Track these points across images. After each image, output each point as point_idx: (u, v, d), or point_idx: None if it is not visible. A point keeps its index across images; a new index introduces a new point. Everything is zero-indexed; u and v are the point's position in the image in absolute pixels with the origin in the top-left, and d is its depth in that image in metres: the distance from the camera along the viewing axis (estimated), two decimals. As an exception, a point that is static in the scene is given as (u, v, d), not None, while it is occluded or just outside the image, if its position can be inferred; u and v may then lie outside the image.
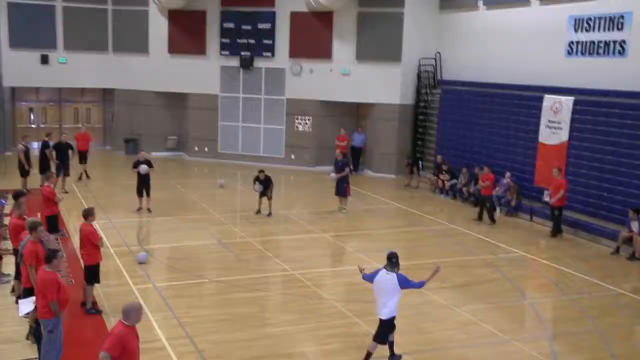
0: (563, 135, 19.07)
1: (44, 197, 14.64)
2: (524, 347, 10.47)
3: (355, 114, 27.66)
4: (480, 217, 19.16)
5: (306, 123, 27.20)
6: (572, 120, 18.85)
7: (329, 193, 20.32)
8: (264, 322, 11.27)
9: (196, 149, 28.60)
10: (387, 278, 9.28)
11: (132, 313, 7.17)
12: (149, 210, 18.59)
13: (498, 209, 19.94)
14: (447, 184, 22.65)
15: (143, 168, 18.44)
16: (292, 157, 27.40)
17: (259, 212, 18.91)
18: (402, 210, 20.65)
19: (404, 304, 12.18)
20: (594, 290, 13.44)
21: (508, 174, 20.31)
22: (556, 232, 17.77)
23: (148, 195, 18.69)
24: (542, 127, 19.80)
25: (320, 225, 18.05)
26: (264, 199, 18.85)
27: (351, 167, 26.56)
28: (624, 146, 17.31)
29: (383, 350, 9.78)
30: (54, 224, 14.82)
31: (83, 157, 22.96)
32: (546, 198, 19.10)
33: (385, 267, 9.35)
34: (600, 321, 11.72)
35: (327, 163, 26.32)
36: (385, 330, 9.46)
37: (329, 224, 18.31)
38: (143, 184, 18.64)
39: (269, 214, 18.70)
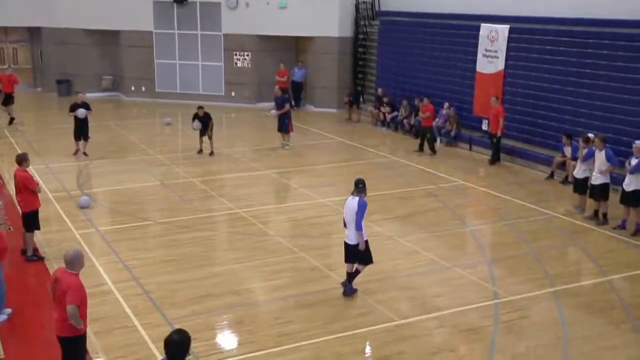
0: (499, 64, 19.34)
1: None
2: (464, 273, 10.86)
3: (294, 48, 27.32)
4: (421, 149, 19.44)
5: (245, 59, 26.75)
6: (508, 49, 19.10)
7: (271, 129, 20.25)
8: (210, 261, 11.33)
9: (133, 88, 27.87)
10: (350, 203, 9.61)
11: (77, 261, 7.09)
12: (85, 154, 18.15)
13: (438, 140, 20.25)
14: (388, 117, 22.81)
15: (81, 112, 17.90)
16: (233, 94, 27.02)
17: (200, 151, 18.73)
18: (344, 144, 20.77)
19: (349, 237, 12.42)
20: (530, 214, 13.94)
21: (446, 104, 20.57)
22: (495, 160, 18.23)
23: (86, 139, 18.21)
24: (479, 57, 20.01)
25: (263, 162, 18.03)
26: (205, 138, 18.63)
27: (292, 102, 26.45)
28: (557, 73, 17.69)
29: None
30: None
31: (9, 100, 22.05)
32: (485, 127, 19.50)
33: (352, 193, 9.70)
34: (536, 244, 12.22)
35: (268, 99, 26.08)
36: (357, 253, 9.76)
37: (272, 160, 18.30)
38: (81, 128, 18.13)
39: (211, 153, 18.54)
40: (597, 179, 13.30)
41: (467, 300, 9.83)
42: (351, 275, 9.94)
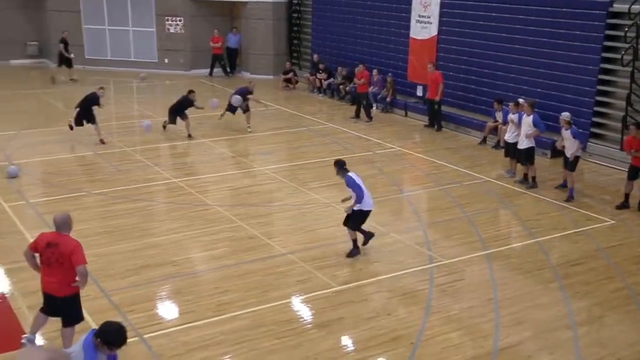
0: (433, 30, 19.54)
1: None
2: (400, 238, 11.10)
3: (229, 13, 26.86)
4: (357, 115, 19.56)
5: (177, 24, 26.15)
6: (441, 15, 19.31)
7: (207, 97, 19.95)
8: (148, 232, 11.20)
9: (61, 55, 26.87)
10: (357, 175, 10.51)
11: (67, 223, 7.30)
12: None
13: (374, 106, 20.41)
14: (325, 83, 22.80)
15: None
16: (166, 61, 26.45)
17: (164, 127, 17.50)
18: (281, 111, 20.69)
19: (286, 205, 12.50)
20: (464, 179, 14.29)
21: (375, 71, 20.63)
22: (438, 126, 18.40)
23: None
24: (413, 22, 20.16)
25: (200, 131, 17.79)
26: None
27: (227, 69, 26.13)
28: (489, 39, 18.02)
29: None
30: None
31: None
32: (419, 93, 19.76)
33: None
34: (469, 208, 12.56)
35: (203, 66, 25.72)
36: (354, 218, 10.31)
37: (208, 129, 18.08)
38: None
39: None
40: (523, 143, 13.71)
41: (403, 265, 10.07)
42: (364, 233, 10.52)
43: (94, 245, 10.45)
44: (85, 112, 16.25)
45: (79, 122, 16.28)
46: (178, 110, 17.10)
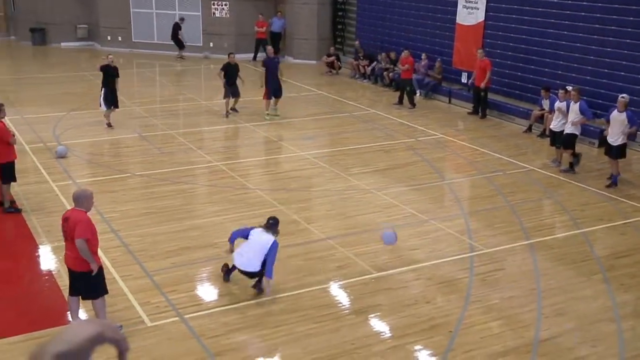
0: (479, 15, 19.23)
1: None
2: (441, 226, 11.00)
3: (273, -2, 26.89)
4: (400, 102, 19.40)
5: (223, 9, 26.29)
6: (488, 0, 18.96)
7: (250, 81, 20.01)
8: (190, 214, 11.34)
9: (109, 38, 27.34)
10: (260, 237, 8.36)
11: (83, 199, 7.26)
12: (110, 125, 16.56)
13: (418, 92, 20.22)
14: (368, 69, 22.67)
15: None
16: (211, 44, 26.62)
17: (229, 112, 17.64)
18: (323, 96, 20.66)
19: (327, 190, 12.51)
20: (508, 168, 14.08)
21: (424, 55, 20.44)
22: (483, 114, 18.14)
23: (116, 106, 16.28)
24: (459, 8, 19.87)
25: (242, 115, 17.89)
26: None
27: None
28: (537, 25, 17.64)
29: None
30: None
31: None
32: (464, 80, 19.49)
33: (262, 227, 8.52)
34: (512, 197, 12.37)
35: (247, 50, 25.81)
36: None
37: (251, 113, 18.16)
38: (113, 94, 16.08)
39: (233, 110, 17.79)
40: (567, 129, 13.49)
41: (443, 253, 9.99)
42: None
43: (137, 226, 10.66)
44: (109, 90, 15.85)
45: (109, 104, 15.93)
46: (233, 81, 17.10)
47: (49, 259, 9.60)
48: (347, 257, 9.77)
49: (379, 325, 8.10)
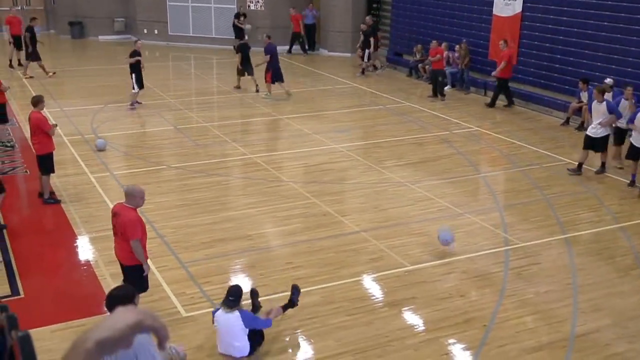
0: (517, 7, 18.95)
1: None
2: (476, 219, 10.91)
3: (308, -10, 26.86)
4: (435, 94, 19.25)
5: (258, 1, 26.37)
6: (526, -8, 18.70)
7: (286, 74, 20.06)
8: (224, 206, 11.44)
9: (145, 31, 27.63)
10: (230, 320, 6.97)
11: (133, 195, 7.32)
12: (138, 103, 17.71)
13: (449, 84, 20.06)
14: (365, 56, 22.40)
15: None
16: (246, 37, 26.67)
17: (238, 87, 19.50)
18: (358, 89, 20.61)
19: (360, 183, 12.50)
20: (544, 161, 13.89)
21: (457, 47, 20.23)
22: (509, 103, 18.04)
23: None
24: (496, -1, 19.61)
25: (276, 107, 17.97)
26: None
27: (306, 47, 26.14)
28: (576, 16, 17.32)
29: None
30: (1, 113, 14.42)
31: (19, 43, 21.80)
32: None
33: (223, 305, 7.07)
34: (549, 191, 12.21)
35: (282, 43, 25.83)
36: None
37: (285, 106, 18.24)
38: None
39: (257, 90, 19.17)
40: (598, 132, 12.76)
41: (478, 247, 9.91)
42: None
43: (172, 218, 10.79)
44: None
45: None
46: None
47: (87, 249, 9.79)
48: (381, 249, 9.75)
49: (412, 318, 8.08)
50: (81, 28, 27.90)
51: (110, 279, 8.70)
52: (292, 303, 7.76)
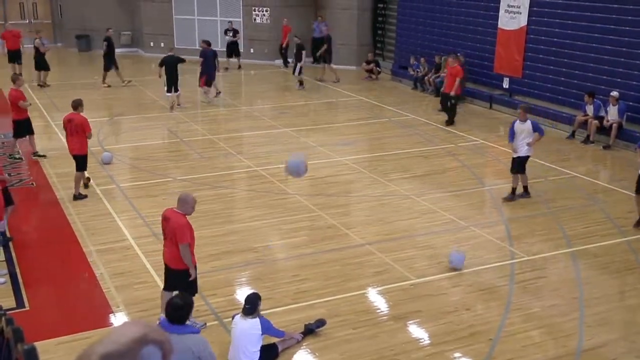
0: (522, 20, 19.00)
1: (10, 101, 14.12)
2: (481, 232, 10.88)
3: (313, 4, 26.96)
4: (444, 109, 19.07)
5: (264, 14, 26.50)
6: (531, 5, 18.72)
7: (291, 87, 20.15)
8: (230, 218, 11.45)
9: (152, 44, 27.80)
10: (246, 325, 7.11)
11: (185, 203, 7.56)
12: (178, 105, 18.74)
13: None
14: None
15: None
16: (252, 50, 26.85)
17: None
18: (363, 102, 20.65)
19: (366, 196, 12.49)
20: (550, 174, 13.86)
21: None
22: (450, 121, 17.49)
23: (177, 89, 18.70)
24: (501, 12, 19.65)
25: (282, 120, 18.01)
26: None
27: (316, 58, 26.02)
28: (580, 29, 17.35)
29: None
30: (23, 128, 14.29)
31: (16, 57, 21.78)
32: (506, 85, 19.28)
33: (241, 313, 7.24)
34: (554, 204, 12.18)
35: (291, 56, 25.92)
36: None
37: (291, 118, 18.28)
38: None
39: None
40: (522, 151, 12.13)
41: (483, 260, 9.88)
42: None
43: (178, 230, 10.77)
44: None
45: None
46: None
47: (92, 261, 9.79)
48: (386, 262, 9.74)
49: (417, 331, 8.06)
50: (88, 41, 28.07)
51: (115, 291, 8.70)
52: (310, 330, 7.83)
